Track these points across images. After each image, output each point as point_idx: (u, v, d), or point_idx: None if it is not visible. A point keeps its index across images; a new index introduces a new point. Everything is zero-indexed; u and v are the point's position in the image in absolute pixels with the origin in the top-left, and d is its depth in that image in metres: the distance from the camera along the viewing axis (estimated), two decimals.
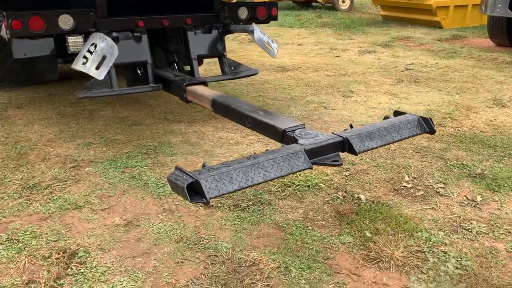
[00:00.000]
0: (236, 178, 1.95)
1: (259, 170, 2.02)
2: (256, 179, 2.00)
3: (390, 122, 2.56)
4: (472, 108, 4.53)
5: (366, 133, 2.40)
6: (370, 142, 2.39)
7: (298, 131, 2.44)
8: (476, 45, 8.15)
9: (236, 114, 2.89)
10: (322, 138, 2.32)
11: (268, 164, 2.06)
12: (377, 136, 2.42)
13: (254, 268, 2.15)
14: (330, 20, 12.07)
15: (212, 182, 1.89)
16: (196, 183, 1.86)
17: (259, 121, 2.68)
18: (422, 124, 2.63)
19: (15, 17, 3.13)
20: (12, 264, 2.19)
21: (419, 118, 2.65)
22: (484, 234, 2.42)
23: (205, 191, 1.84)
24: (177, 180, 1.89)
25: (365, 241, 2.34)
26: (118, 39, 3.51)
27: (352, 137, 2.35)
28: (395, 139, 2.49)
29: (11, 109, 4.62)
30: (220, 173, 1.93)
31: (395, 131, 2.51)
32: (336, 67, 6.55)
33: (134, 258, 2.24)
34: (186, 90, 3.44)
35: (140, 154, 3.45)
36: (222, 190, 1.90)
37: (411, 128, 2.58)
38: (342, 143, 2.35)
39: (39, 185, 2.96)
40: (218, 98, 3.12)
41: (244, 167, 1.99)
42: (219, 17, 4.02)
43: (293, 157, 2.14)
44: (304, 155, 2.18)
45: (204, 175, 1.89)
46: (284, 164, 2.10)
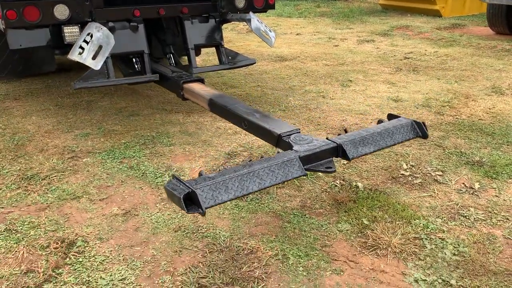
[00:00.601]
0: (231, 187, 2.00)
1: (254, 179, 2.07)
2: (251, 187, 2.05)
3: (383, 127, 2.60)
4: (470, 96, 4.52)
5: (360, 139, 2.45)
6: (363, 147, 2.44)
7: (293, 136, 2.47)
8: (475, 34, 8.11)
9: (233, 116, 2.91)
10: (317, 144, 2.37)
11: (263, 173, 2.11)
12: (371, 141, 2.48)
13: (252, 256, 2.16)
14: (329, 10, 12.00)
15: (208, 191, 1.93)
16: (193, 193, 1.90)
17: (255, 124, 2.70)
18: (415, 129, 2.68)
19: (10, 7, 3.11)
20: (10, 254, 2.19)
21: (412, 122, 2.69)
22: (482, 220, 2.43)
23: (201, 201, 1.88)
24: (174, 189, 1.93)
25: (362, 229, 2.35)
26: (114, 29, 3.48)
27: (346, 143, 2.40)
28: (388, 144, 2.54)
29: (8, 100, 4.60)
30: (216, 182, 1.97)
31: (388, 136, 2.56)
32: (334, 57, 6.52)
33: (133, 247, 2.25)
34: (183, 88, 3.43)
35: (138, 144, 3.45)
36: (218, 200, 1.94)
37: (404, 133, 2.63)
38: (336, 149, 2.41)
39: (37, 175, 2.96)
40: (215, 98, 3.11)
41: (240, 175, 2.04)
42: (216, 6, 3.99)
43: (288, 165, 2.19)
44: (299, 163, 2.22)
45: (200, 185, 1.94)
46: (279, 172, 2.15)
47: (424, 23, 9.36)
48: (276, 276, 2.03)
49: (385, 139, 2.53)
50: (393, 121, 2.70)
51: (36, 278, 2.03)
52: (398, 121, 2.69)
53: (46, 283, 2.00)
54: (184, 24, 3.85)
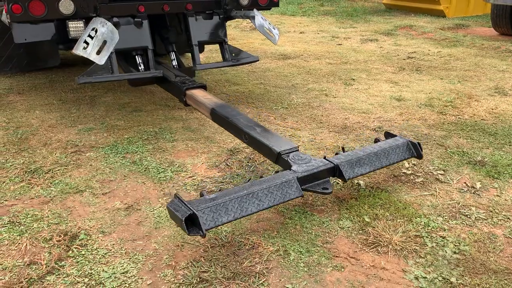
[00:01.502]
0: (231, 209, 2.08)
1: (253, 200, 2.15)
2: (250, 209, 2.13)
3: (380, 147, 2.67)
4: (473, 96, 4.52)
5: (356, 159, 2.53)
6: (359, 168, 2.52)
7: (292, 155, 2.54)
8: (479, 34, 8.10)
9: (234, 128, 2.97)
10: (314, 165, 2.44)
11: (262, 194, 2.19)
12: (367, 162, 2.55)
13: (253, 251, 2.17)
14: (333, 9, 11.99)
15: (208, 213, 2.02)
16: (194, 215, 1.98)
17: (255, 139, 2.76)
18: (411, 149, 2.75)
19: (16, 2, 3.12)
20: (14, 246, 2.21)
21: (408, 142, 2.76)
22: (483, 220, 2.43)
23: (201, 223, 1.97)
24: (176, 210, 2.01)
25: (364, 226, 2.36)
26: (119, 24, 3.50)
27: (343, 164, 2.48)
28: (384, 164, 2.62)
29: (12, 94, 4.62)
30: (216, 204, 2.06)
31: (384, 156, 2.63)
32: (337, 55, 6.52)
33: (135, 241, 2.26)
34: (185, 94, 3.49)
35: (141, 139, 3.46)
36: (218, 222, 2.03)
37: (400, 153, 2.70)
38: (333, 169, 2.48)
39: (40, 169, 2.98)
40: (217, 108, 3.15)
41: (240, 197, 2.12)
42: (220, 3, 4.00)
43: (286, 186, 2.27)
44: (296, 184, 2.30)
45: (202, 206, 2.02)
46: (277, 193, 2.23)
47: (427, 23, 9.35)
48: (277, 271, 2.04)
49: (381, 159, 2.62)
50: (390, 141, 2.77)
51: (39, 270, 2.04)
52: (395, 141, 2.77)
53: (49, 275, 2.02)
54: (188, 21, 3.86)
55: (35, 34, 3.49)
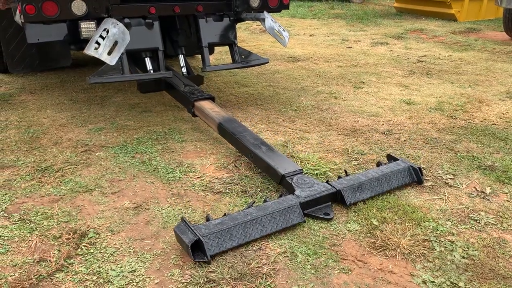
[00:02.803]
0: (235, 234, 2.17)
1: (257, 226, 2.24)
2: (254, 235, 2.22)
3: (381, 172, 2.72)
4: (484, 100, 4.49)
5: (358, 184, 2.59)
6: (360, 193, 2.58)
7: (296, 178, 2.61)
8: (490, 38, 8.03)
9: (240, 146, 3.03)
10: (317, 190, 2.51)
11: (266, 220, 2.27)
12: (368, 187, 2.62)
13: (260, 252, 2.18)
14: (343, 12, 11.97)
15: (213, 239, 2.12)
16: (199, 241, 2.08)
17: (261, 159, 2.82)
18: (412, 174, 2.79)
19: (29, 2, 3.16)
20: (24, 243, 2.24)
21: (409, 167, 2.80)
22: (492, 225, 2.41)
23: (206, 249, 2.07)
24: (182, 234, 2.12)
25: (372, 229, 2.35)
26: (130, 25, 3.52)
27: (345, 189, 2.54)
28: (385, 189, 2.68)
29: (24, 94, 4.68)
30: (221, 230, 2.15)
31: (386, 181, 2.69)
32: (347, 58, 6.51)
33: (143, 240, 2.28)
34: (194, 105, 3.57)
35: (151, 140, 3.49)
36: (222, 247, 2.13)
37: (401, 178, 2.76)
38: (335, 195, 2.55)
39: (51, 168, 3.01)
40: (224, 122, 3.21)
41: (244, 223, 2.21)
42: (230, 5, 4.02)
43: (289, 212, 2.35)
44: (299, 209, 2.38)
45: (207, 232, 2.12)
46: (280, 219, 2.31)
47: (438, 26, 9.29)
48: (284, 273, 2.04)
49: (382, 184, 2.68)
50: (391, 165, 2.82)
51: (48, 267, 2.06)
52: (396, 165, 2.81)
53: (58, 272, 2.04)
54: (199, 22, 3.88)
55: (47, 34, 3.53)
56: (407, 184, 2.77)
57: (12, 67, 5.01)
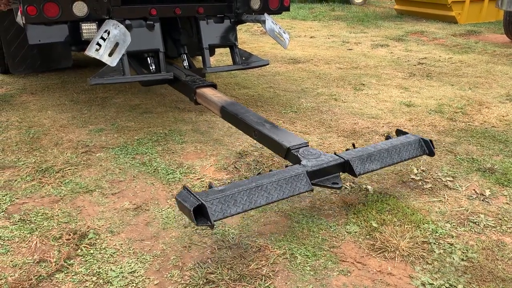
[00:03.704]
0: (240, 200, 2.07)
1: (262, 193, 2.13)
2: (259, 201, 2.11)
3: (391, 144, 2.64)
4: (484, 103, 4.49)
5: (367, 155, 2.50)
6: (370, 164, 2.48)
7: (302, 150, 2.53)
8: (491, 41, 8.04)
9: (243, 125, 2.98)
10: (324, 160, 2.42)
11: (271, 187, 2.17)
12: (377, 158, 2.52)
13: (260, 254, 2.18)
14: (344, 14, 11.98)
15: (217, 205, 2.01)
16: (202, 206, 1.97)
17: (265, 135, 2.76)
18: (423, 146, 2.72)
19: (31, 3, 3.17)
20: (24, 244, 2.24)
21: (420, 139, 2.73)
22: (492, 227, 2.42)
23: (210, 214, 1.96)
24: (184, 201, 2.01)
25: (371, 231, 2.35)
26: (131, 26, 3.54)
27: (353, 159, 2.45)
28: (395, 161, 2.58)
29: (25, 94, 4.69)
30: (225, 195, 2.04)
31: (396, 153, 2.60)
32: (348, 60, 6.52)
33: (143, 241, 2.28)
34: (196, 92, 3.50)
35: (151, 141, 3.49)
36: (226, 213, 2.02)
37: (411, 150, 2.67)
38: (343, 165, 2.45)
39: (51, 168, 3.02)
40: (227, 105, 3.17)
41: (248, 189, 2.11)
42: (231, 6, 4.03)
43: (295, 180, 2.25)
44: (306, 178, 2.28)
45: (210, 197, 2.01)
46: (287, 187, 2.21)
47: (439, 29, 9.31)
48: (283, 274, 2.05)
49: (392, 156, 2.58)
50: (401, 138, 2.74)
51: (48, 268, 2.07)
52: (406, 138, 2.73)
53: (57, 272, 2.04)
54: (200, 24, 3.89)
55: (49, 35, 3.54)
56: (418, 156, 2.69)
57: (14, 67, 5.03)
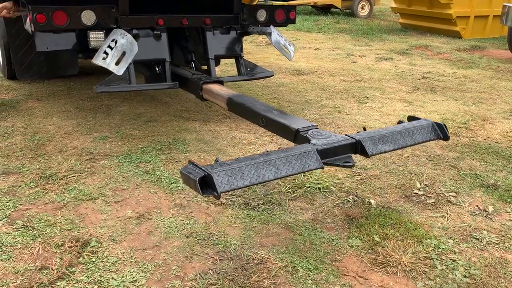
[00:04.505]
0: (247, 174, 1.99)
1: (270, 168, 2.05)
2: (267, 176, 2.03)
3: (403, 127, 2.56)
4: (488, 118, 4.50)
5: (379, 136, 2.41)
6: (383, 145, 2.39)
7: (311, 131, 2.46)
8: (495, 56, 8.06)
9: (251, 113, 2.93)
10: (335, 139, 2.35)
11: (280, 162, 2.09)
12: (390, 139, 2.43)
13: (261, 266, 2.18)
14: (349, 26, 12.05)
15: (223, 176, 1.92)
16: (208, 177, 1.90)
17: (272, 120, 2.71)
18: (436, 130, 2.63)
19: (40, 11, 3.22)
20: (26, 250, 2.25)
21: (433, 124, 2.66)
22: (495, 244, 2.41)
23: (216, 185, 1.88)
24: (189, 173, 1.93)
25: (373, 245, 2.35)
26: (138, 36, 3.57)
27: (365, 140, 2.36)
28: (408, 143, 2.49)
29: (31, 101, 4.73)
30: (232, 168, 1.96)
31: (409, 135, 2.51)
32: (352, 73, 6.54)
33: (145, 250, 2.29)
34: (202, 88, 3.49)
35: (155, 149, 3.51)
36: (233, 185, 1.93)
37: (425, 134, 2.57)
38: (354, 145, 2.37)
39: (55, 175, 3.03)
40: (234, 97, 3.16)
41: (256, 163, 2.03)
42: (238, 18, 4.06)
43: (305, 156, 2.16)
44: (316, 155, 2.20)
45: (216, 169, 1.94)
46: (296, 163, 2.12)
47: (443, 43, 9.34)
48: (285, 287, 2.04)
49: (405, 138, 2.49)
50: (414, 122, 2.65)
51: (50, 275, 2.07)
52: (419, 122, 2.64)
53: (59, 280, 2.04)
54: (206, 35, 3.93)
55: (56, 43, 3.58)
56: (432, 139, 2.62)
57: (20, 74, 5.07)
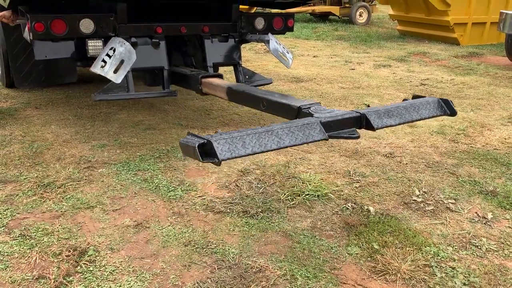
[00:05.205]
0: (249, 142, 1.93)
1: (272, 137, 2.00)
2: (270, 145, 1.97)
3: (409, 103, 2.51)
4: (486, 125, 4.50)
5: (385, 111, 2.36)
6: (388, 119, 2.33)
7: (314, 107, 2.43)
8: (493, 63, 8.10)
9: (251, 98, 2.90)
10: (339, 113, 2.30)
11: (283, 132, 2.03)
12: (396, 114, 2.37)
13: (260, 274, 2.17)
14: (347, 33, 12.10)
15: (224, 144, 1.87)
16: (208, 144, 1.85)
17: (273, 102, 2.68)
18: (443, 106, 2.58)
19: (38, 20, 3.23)
20: (23, 260, 2.23)
21: (439, 100, 2.60)
22: (494, 251, 2.40)
23: (217, 152, 1.82)
24: (188, 142, 1.88)
25: (372, 253, 2.34)
26: (136, 44, 3.58)
27: (370, 113, 2.31)
28: (414, 118, 2.44)
29: (29, 109, 4.72)
30: (232, 137, 1.92)
31: (415, 111, 2.46)
32: (350, 80, 6.56)
33: (142, 259, 2.27)
34: (201, 82, 3.49)
35: (153, 157, 3.50)
36: (235, 153, 1.88)
37: (431, 109, 2.52)
38: (359, 119, 2.32)
39: (53, 183, 3.02)
40: (233, 86, 3.17)
41: (258, 133, 1.98)
42: (236, 26, 4.08)
43: (308, 128, 2.10)
44: (320, 126, 2.14)
45: (217, 137, 1.89)
46: (299, 134, 2.06)
47: (441, 50, 9.38)
48: None
49: (411, 113, 2.44)
50: (419, 99, 2.61)
51: (47, 285, 2.06)
52: (424, 99, 2.60)
53: None
54: (204, 43, 3.94)
55: (55, 51, 3.59)
56: (438, 115, 2.58)
57: (19, 82, 5.07)
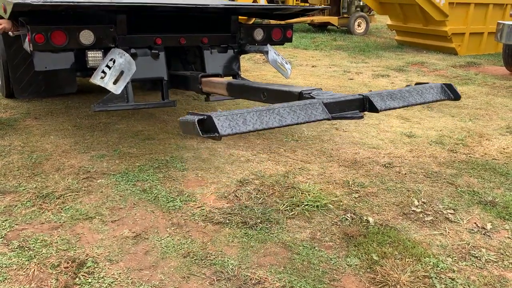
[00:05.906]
0: (250, 120, 1.91)
1: (274, 116, 1.98)
2: (271, 123, 1.96)
3: (412, 87, 2.52)
4: (484, 135, 4.52)
5: (388, 93, 2.35)
6: (391, 101, 2.32)
7: (315, 92, 2.42)
8: (490, 73, 8.14)
9: (251, 90, 2.90)
10: (341, 95, 2.30)
11: (284, 111, 2.01)
12: (399, 97, 2.37)
13: (259, 286, 2.16)
14: (345, 43, 12.17)
15: (225, 121, 1.84)
16: (209, 119, 1.82)
17: (273, 90, 2.68)
18: (446, 91, 2.59)
19: (39, 31, 3.25)
20: (21, 271, 2.22)
21: (442, 85, 2.61)
22: (493, 262, 2.40)
23: (218, 127, 1.80)
24: (187, 119, 1.86)
25: (372, 264, 2.33)
26: (136, 55, 3.61)
27: (373, 95, 2.30)
28: (418, 101, 2.44)
29: (29, 119, 4.73)
30: (233, 114, 1.90)
31: (418, 94, 2.46)
32: (349, 90, 6.58)
33: (141, 270, 2.26)
34: (201, 82, 3.53)
35: (152, 168, 3.50)
36: (235, 129, 1.86)
37: (435, 94, 2.52)
38: (362, 101, 2.31)
39: (52, 194, 3.02)
40: (233, 81, 3.21)
41: (259, 111, 1.96)
42: (235, 37, 4.11)
43: (311, 108, 2.08)
44: (322, 107, 2.12)
45: (217, 113, 1.87)
46: (301, 113, 2.04)
47: (439, 60, 9.43)
48: None
49: (415, 96, 2.45)
50: (423, 84, 2.62)
51: None
52: (428, 85, 2.61)
53: None
54: (204, 54, 3.96)
55: (55, 62, 3.61)
56: (442, 100, 2.58)
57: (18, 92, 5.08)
